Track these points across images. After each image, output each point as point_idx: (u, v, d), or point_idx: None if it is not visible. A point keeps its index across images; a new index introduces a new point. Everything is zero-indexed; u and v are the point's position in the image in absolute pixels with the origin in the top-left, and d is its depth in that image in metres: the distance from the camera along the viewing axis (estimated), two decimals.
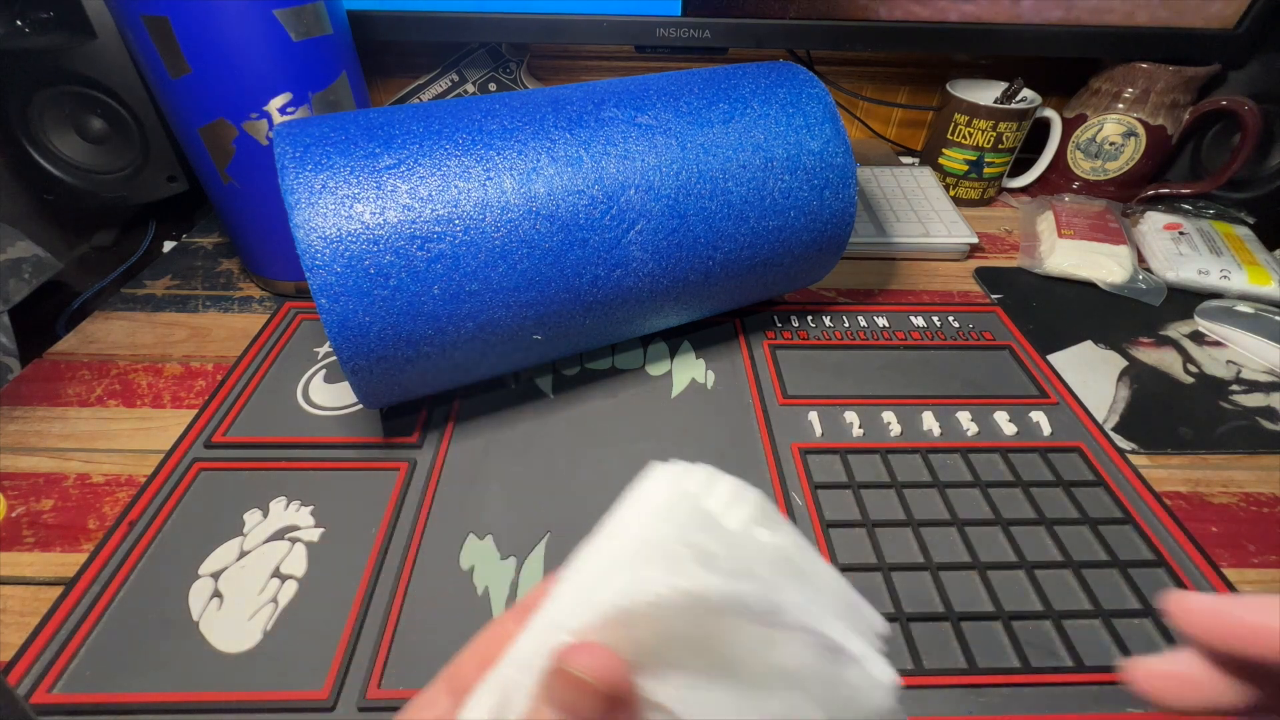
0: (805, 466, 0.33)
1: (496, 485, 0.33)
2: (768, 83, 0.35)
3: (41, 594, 0.28)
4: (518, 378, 0.39)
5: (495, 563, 0.29)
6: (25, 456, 0.34)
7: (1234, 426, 0.37)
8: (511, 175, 0.29)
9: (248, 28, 0.34)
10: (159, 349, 0.41)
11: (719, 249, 0.33)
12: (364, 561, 0.29)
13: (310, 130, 0.29)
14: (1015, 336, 0.42)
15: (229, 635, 0.27)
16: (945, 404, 0.37)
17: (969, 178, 0.56)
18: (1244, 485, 0.34)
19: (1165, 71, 0.50)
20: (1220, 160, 0.54)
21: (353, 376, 0.29)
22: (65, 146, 0.47)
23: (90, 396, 0.37)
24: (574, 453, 0.34)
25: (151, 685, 0.25)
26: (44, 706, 0.24)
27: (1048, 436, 0.35)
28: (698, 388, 0.38)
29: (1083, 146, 0.55)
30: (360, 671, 0.26)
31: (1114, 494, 0.32)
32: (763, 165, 0.33)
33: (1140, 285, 0.47)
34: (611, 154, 0.31)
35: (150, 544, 0.30)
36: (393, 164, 0.28)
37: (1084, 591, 0.28)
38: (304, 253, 0.26)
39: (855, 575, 0.29)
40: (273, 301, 0.45)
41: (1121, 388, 0.39)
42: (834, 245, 0.37)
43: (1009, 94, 0.53)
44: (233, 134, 0.37)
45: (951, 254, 0.51)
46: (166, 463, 0.33)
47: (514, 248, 0.29)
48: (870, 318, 0.43)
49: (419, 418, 0.36)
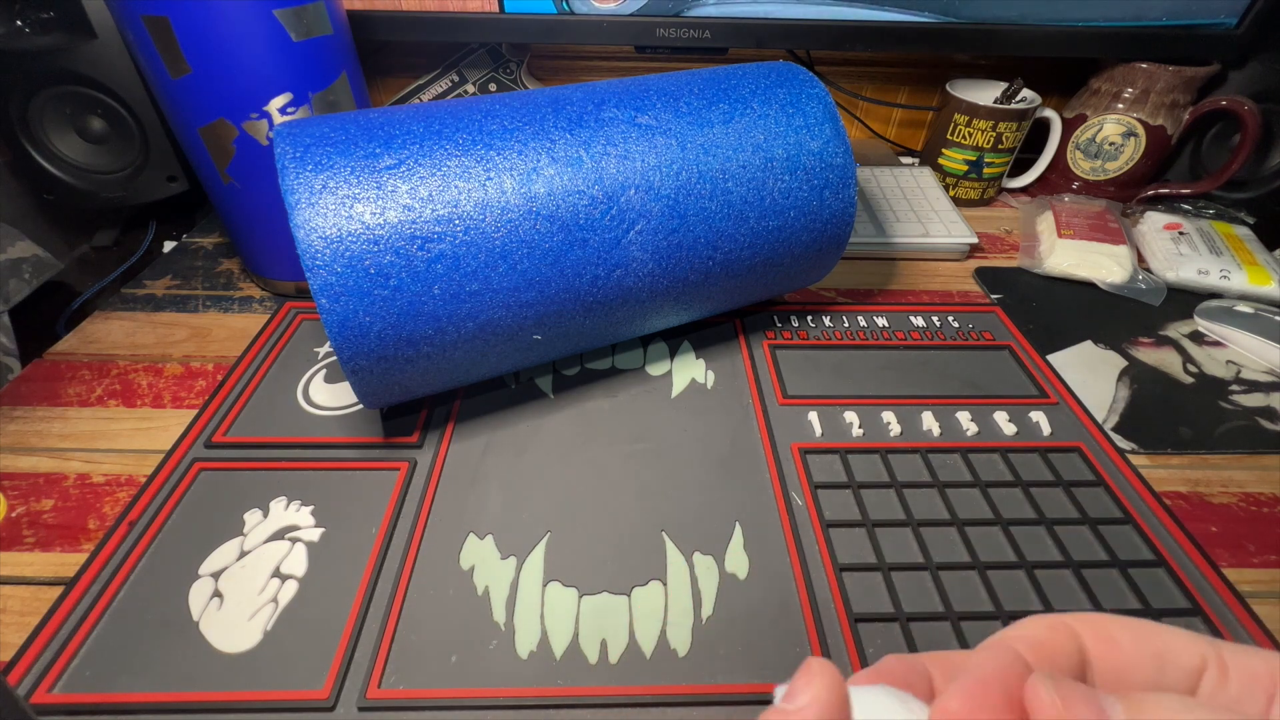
0: (805, 466, 0.33)
1: (496, 485, 0.33)
2: (768, 83, 0.35)
3: (41, 594, 0.28)
4: (518, 378, 0.39)
5: (495, 563, 0.29)
6: (25, 456, 0.34)
7: (1234, 426, 0.37)
8: (511, 175, 0.29)
9: (248, 28, 0.34)
10: (159, 349, 0.41)
11: (719, 249, 0.33)
12: (364, 561, 0.29)
13: (310, 130, 0.29)
14: (1015, 336, 0.42)
15: (229, 635, 0.27)
16: (945, 404, 0.37)
17: (969, 178, 0.56)
18: (1244, 485, 0.34)
19: (1165, 71, 0.50)
20: (1220, 160, 0.54)
21: (353, 376, 0.29)
22: (65, 146, 0.47)
23: (90, 396, 0.37)
24: (574, 453, 0.34)
25: (151, 685, 0.25)
26: (44, 706, 0.24)
27: (1047, 436, 0.35)
28: (698, 388, 0.38)
29: (1082, 146, 0.55)
30: (360, 671, 0.26)
31: (1114, 494, 0.32)
32: (763, 165, 0.33)
33: (1140, 285, 0.47)
34: (611, 154, 0.31)
35: (150, 544, 0.30)
36: (393, 164, 0.28)
37: (1084, 591, 0.28)
38: (304, 253, 0.26)
39: (855, 575, 0.29)
40: (273, 301, 0.45)
41: (1121, 388, 0.39)
42: (834, 245, 0.37)
43: (1009, 94, 0.53)
44: (233, 134, 0.37)
45: (951, 254, 0.51)
46: (166, 463, 0.33)
47: (514, 248, 0.29)
48: (870, 318, 0.43)
49: (419, 418, 0.36)
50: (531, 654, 0.26)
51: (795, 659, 0.26)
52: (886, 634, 0.27)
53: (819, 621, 0.27)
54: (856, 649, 0.26)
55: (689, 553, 0.30)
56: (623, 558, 0.30)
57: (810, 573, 0.29)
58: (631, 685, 0.25)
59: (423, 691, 0.25)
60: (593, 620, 0.27)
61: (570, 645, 0.27)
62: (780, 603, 0.28)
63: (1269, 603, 0.29)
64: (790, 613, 0.28)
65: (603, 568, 0.29)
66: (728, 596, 0.28)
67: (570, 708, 0.25)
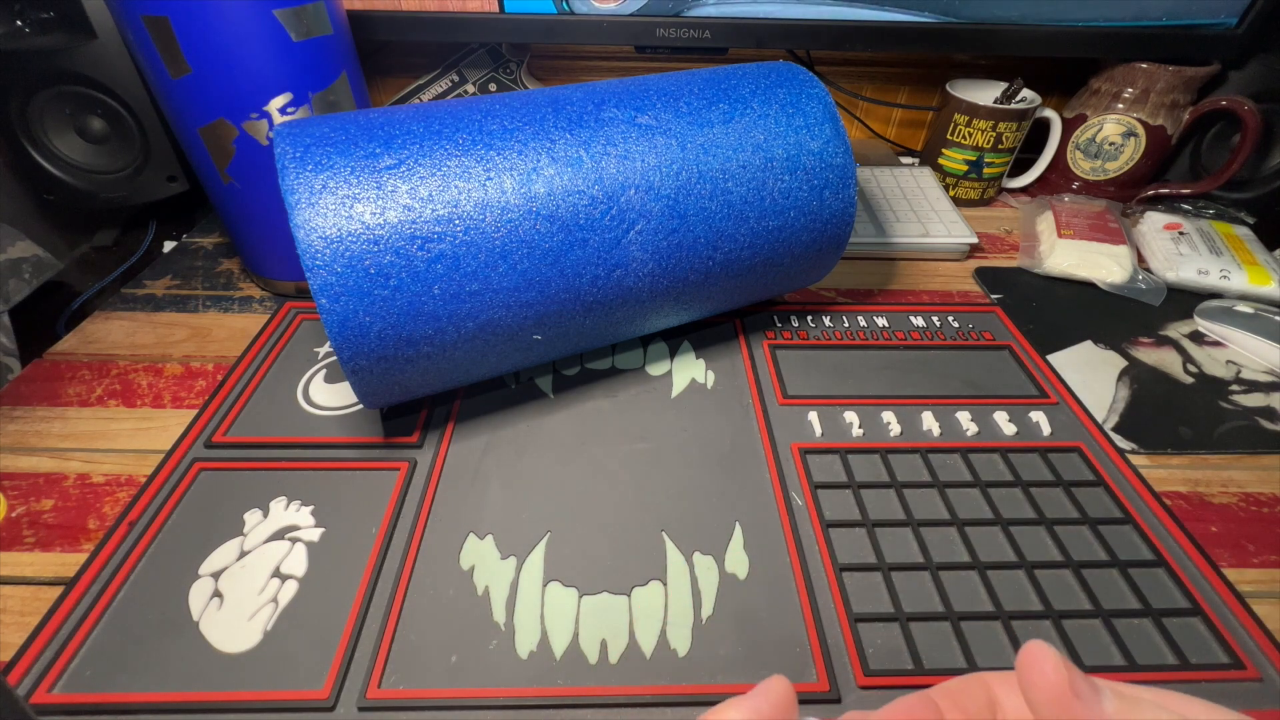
0: (805, 466, 0.33)
1: (496, 485, 0.33)
2: (768, 83, 0.35)
3: (41, 594, 0.28)
4: (518, 378, 0.39)
5: (495, 562, 0.29)
6: (25, 456, 0.34)
7: (1234, 426, 0.37)
8: (511, 175, 0.29)
9: (248, 28, 0.34)
10: (159, 349, 0.41)
11: (719, 249, 0.33)
12: (364, 561, 0.29)
13: (310, 130, 0.29)
14: (1015, 336, 0.42)
15: (229, 635, 0.27)
16: (945, 404, 0.37)
17: (969, 178, 0.56)
18: (1244, 485, 0.34)
19: (1165, 71, 0.50)
20: (1220, 160, 0.54)
21: (353, 376, 0.29)
22: (65, 146, 0.47)
23: (90, 396, 0.37)
24: (574, 453, 0.34)
25: (151, 685, 0.25)
26: (44, 706, 0.24)
27: (1047, 436, 0.35)
28: (698, 388, 0.38)
29: (1082, 146, 0.55)
30: (360, 671, 0.26)
31: (1114, 494, 0.32)
32: (763, 165, 0.33)
33: (1140, 285, 0.47)
34: (611, 154, 0.31)
35: (150, 544, 0.30)
36: (393, 164, 0.28)
37: (1084, 591, 0.28)
38: (304, 253, 0.26)
39: (855, 575, 0.29)
40: (273, 301, 0.45)
41: (1121, 388, 0.39)
42: (834, 245, 0.37)
43: (1009, 94, 0.53)
44: (233, 134, 0.37)
45: (951, 254, 0.51)
46: (166, 463, 0.33)
47: (514, 248, 0.29)
48: (870, 318, 0.43)
49: (419, 418, 0.36)
50: (531, 654, 0.26)
51: (795, 659, 0.26)
52: (886, 634, 0.27)
53: (819, 621, 0.27)
54: (856, 649, 0.26)
55: (689, 553, 0.30)
56: (623, 558, 0.30)
57: (810, 573, 0.29)
58: (631, 685, 0.25)
59: (423, 691, 0.25)
60: (593, 620, 0.27)
61: (570, 645, 0.27)
62: (780, 603, 0.28)
63: (1269, 603, 0.29)
64: (790, 613, 0.28)
65: (603, 568, 0.29)
66: (728, 596, 0.28)
67: (570, 708, 0.25)
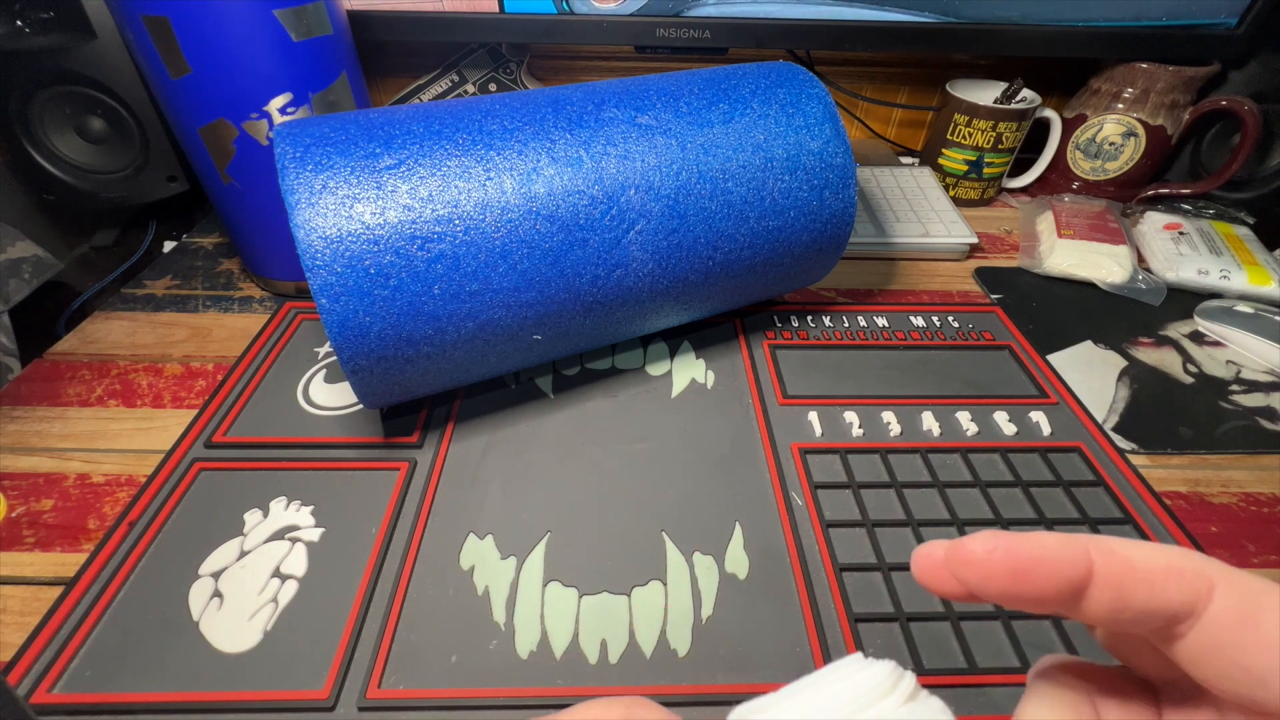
0: (805, 466, 0.33)
1: (496, 485, 0.33)
2: (768, 83, 0.35)
3: (41, 594, 0.28)
4: (518, 378, 0.39)
5: (495, 562, 0.29)
6: (25, 456, 0.34)
7: (1234, 426, 0.37)
8: (511, 175, 0.29)
9: (248, 28, 0.34)
10: (159, 349, 0.41)
11: (719, 249, 0.33)
12: (364, 561, 0.29)
13: (310, 130, 0.29)
14: (1015, 336, 0.42)
15: (229, 635, 0.27)
16: (945, 404, 0.37)
17: (969, 178, 0.56)
18: (1244, 485, 0.34)
19: (1165, 71, 0.50)
20: (1220, 160, 0.54)
21: (353, 376, 0.29)
22: (65, 146, 0.47)
23: (90, 396, 0.37)
24: (574, 453, 0.34)
25: (151, 685, 0.25)
26: (44, 706, 0.24)
27: (1047, 436, 0.35)
28: (698, 388, 0.38)
29: (1082, 146, 0.55)
30: (360, 671, 0.26)
31: (1114, 494, 0.32)
32: (763, 165, 0.33)
33: (1140, 285, 0.47)
34: (611, 154, 0.31)
35: (150, 544, 0.30)
36: (393, 164, 0.28)
37: None
38: (304, 253, 0.26)
39: (855, 575, 0.29)
40: (273, 301, 0.45)
41: (1121, 388, 0.39)
42: (834, 245, 0.37)
43: (1009, 94, 0.53)
44: (233, 134, 0.37)
45: (951, 254, 0.51)
46: (166, 463, 0.33)
47: (514, 248, 0.29)
48: (870, 318, 0.43)
49: (419, 418, 0.36)
50: (531, 654, 0.26)
51: (795, 659, 0.26)
52: (886, 634, 0.27)
53: (819, 621, 0.27)
54: (856, 649, 0.26)
55: (689, 553, 0.30)
56: (623, 558, 0.30)
57: (810, 573, 0.29)
58: (631, 685, 0.25)
59: (423, 691, 0.25)
60: (593, 620, 0.27)
61: (570, 645, 0.27)
62: (780, 603, 0.28)
63: None
64: (790, 613, 0.28)
65: (603, 568, 0.29)
66: (728, 596, 0.28)
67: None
